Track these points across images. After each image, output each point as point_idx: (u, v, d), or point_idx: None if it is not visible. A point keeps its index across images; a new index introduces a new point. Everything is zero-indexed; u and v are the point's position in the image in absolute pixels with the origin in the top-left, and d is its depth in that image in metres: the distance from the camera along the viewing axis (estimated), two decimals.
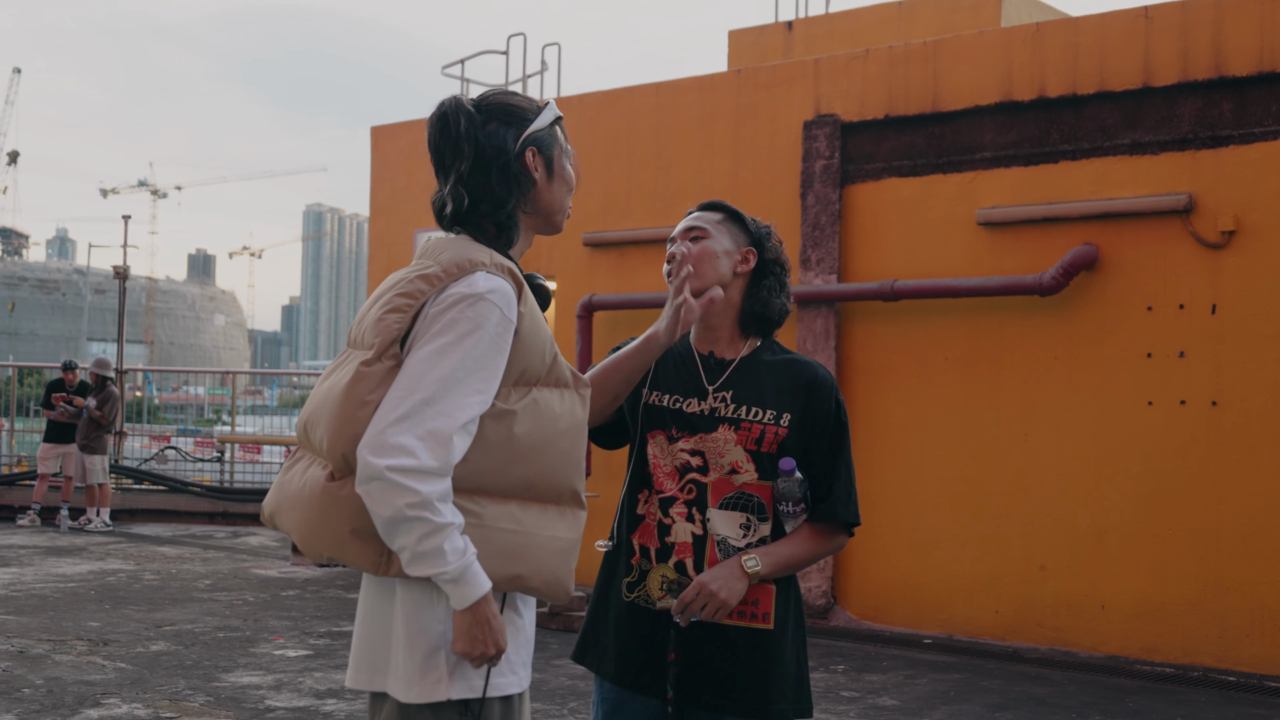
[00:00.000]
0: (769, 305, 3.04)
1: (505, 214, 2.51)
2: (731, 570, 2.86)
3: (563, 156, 2.62)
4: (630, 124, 11.02)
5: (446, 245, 2.46)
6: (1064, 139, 8.82)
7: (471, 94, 2.66)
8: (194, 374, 44.76)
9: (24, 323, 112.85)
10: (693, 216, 3.10)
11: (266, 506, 2.52)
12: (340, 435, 2.29)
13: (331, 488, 2.30)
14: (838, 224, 9.68)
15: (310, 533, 2.34)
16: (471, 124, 2.50)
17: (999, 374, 8.99)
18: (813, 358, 9.55)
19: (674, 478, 2.95)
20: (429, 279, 2.37)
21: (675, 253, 2.97)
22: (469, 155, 2.49)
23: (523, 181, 2.53)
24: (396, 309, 2.34)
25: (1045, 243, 8.80)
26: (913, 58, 9.48)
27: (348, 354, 2.46)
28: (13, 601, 9.50)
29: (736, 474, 2.93)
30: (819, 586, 9.54)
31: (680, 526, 2.93)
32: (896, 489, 9.37)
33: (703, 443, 2.94)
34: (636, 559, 2.96)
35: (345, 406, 2.29)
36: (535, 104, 2.60)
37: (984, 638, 8.89)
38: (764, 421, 2.94)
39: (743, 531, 2.93)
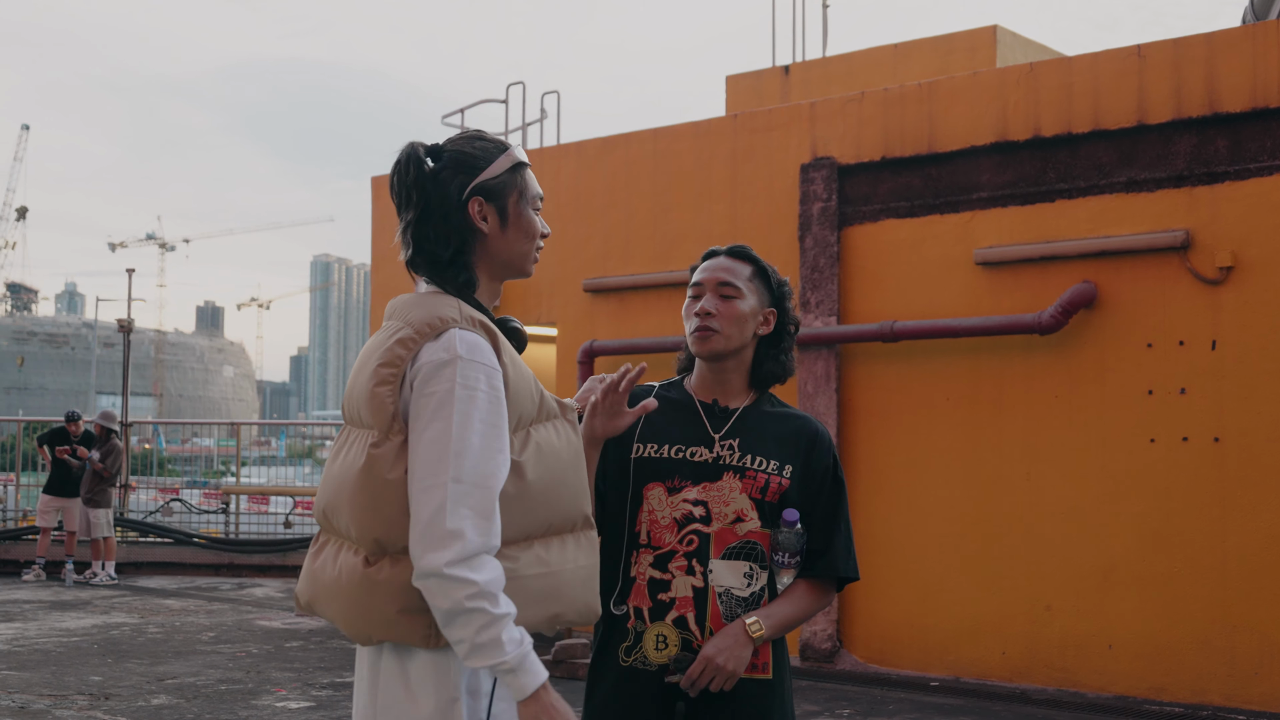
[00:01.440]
0: (785, 367, 3.07)
1: (443, 264, 2.49)
2: (736, 638, 2.83)
3: (521, 203, 2.56)
4: (628, 170, 11.06)
5: (414, 303, 2.45)
6: (1060, 178, 8.83)
7: None
8: (203, 426, 44.81)
9: (34, 377, 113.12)
10: (724, 265, 3.02)
11: (302, 595, 2.54)
12: (368, 519, 2.32)
13: (370, 573, 2.33)
14: (836, 266, 9.69)
15: (355, 619, 2.35)
16: (420, 173, 2.49)
17: (1000, 413, 8.96)
18: (814, 400, 9.59)
19: (673, 530, 2.91)
20: (404, 343, 2.36)
21: (708, 309, 2.96)
22: (416, 204, 2.49)
23: (465, 232, 2.50)
24: (383, 381, 2.35)
25: (1044, 281, 8.80)
26: (908, 99, 9.52)
27: (348, 433, 2.48)
28: (15, 657, 9.47)
29: (742, 522, 2.91)
30: (824, 630, 9.49)
31: (680, 581, 2.88)
32: (900, 531, 9.33)
33: (707, 492, 2.91)
34: (632, 622, 2.90)
35: (367, 490, 2.32)
36: (496, 150, 2.55)
37: (991, 679, 8.82)
38: (769, 471, 2.94)
39: (746, 581, 2.91)
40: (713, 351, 2.98)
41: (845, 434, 9.62)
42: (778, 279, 3.08)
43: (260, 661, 9.51)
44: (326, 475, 2.48)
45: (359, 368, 2.46)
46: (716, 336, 2.96)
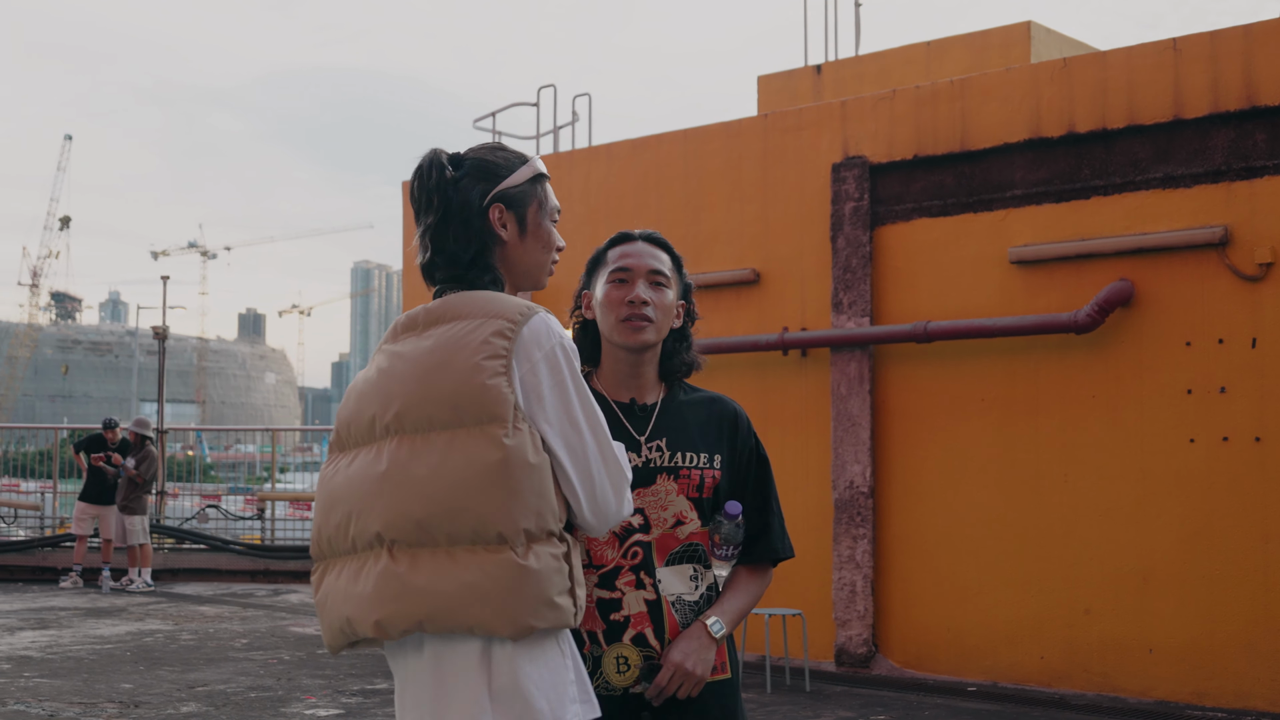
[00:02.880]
0: (695, 360, 2.94)
1: (464, 265, 2.53)
2: (700, 641, 2.73)
3: (540, 214, 2.60)
4: (659, 171, 10.98)
5: (482, 299, 2.48)
6: (1095, 174, 8.69)
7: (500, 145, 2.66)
8: (245, 432, 45.00)
9: (78, 385, 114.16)
10: (650, 252, 2.88)
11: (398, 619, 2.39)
12: (515, 511, 2.34)
13: (527, 565, 2.34)
14: (869, 266, 9.58)
15: (513, 615, 2.33)
16: (442, 179, 2.54)
17: (1036, 414, 8.83)
18: (847, 402, 9.48)
19: (614, 545, 2.76)
20: (502, 334, 2.41)
21: (644, 297, 2.81)
22: (436, 209, 2.53)
23: (485, 237, 2.54)
24: (495, 373, 2.38)
25: (1079, 280, 8.66)
26: (940, 97, 9.39)
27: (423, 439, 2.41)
28: (48, 664, 9.48)
29: (682, 525, 2.80)
30: (860, 635, 9.37)
31: (631, 597, 2.75)
32: (936, 534, 9.20)
33: (642, 498, 2.78)
34: (587, 647, 2.74)
35: (513, 481, 2.34)
36: (516, 161, 2.60)
37: (1030, 684, 8.68)
38: (700, 466, 2.83)
39: (694, 584, 2.80)
40: (643, 343, 2.82)
41: (879, 436, 9.50)
42: (685, 271, 2.98)
43: (291, 668, 9.49)
44: (401, 485, 2.39)
45: (430, 369, 2.42)
46: (650, 327, 2.81)
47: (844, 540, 9.51)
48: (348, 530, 2.46)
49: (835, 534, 9.56)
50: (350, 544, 2.47)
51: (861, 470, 9.45)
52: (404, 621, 2.40)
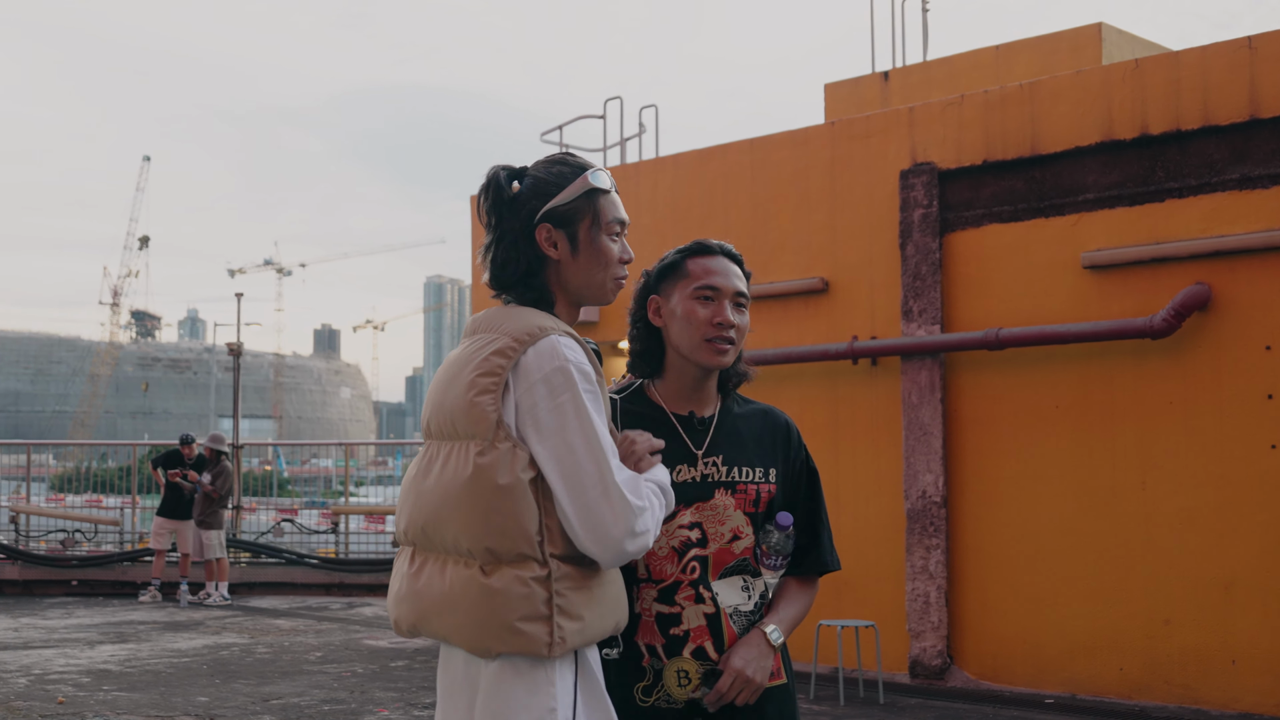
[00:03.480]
0: (747, 370, 2.92)
1: (508, 285, 2.56)
2: (759, 649, 2.72)
3: (593, 230, 2.56)
4: (726, 181, 10.94)
5: (505, 315, 2.50)
6: (1169, 176, 8.54)
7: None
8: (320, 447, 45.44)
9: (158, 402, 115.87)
10: (734, 271, 2.84)
11: (403, 618, 2.52)
12: (480, 529, 2.35)
13: (489, 584, 2.35)
14: (939, 273, 9.47)
15: (476, 632, 2.36)
16: (499, 199, 2.55)
17: (1112, 421, 8.68)
18: (919, 411, 9.38)
19: (673, 560, 2.74)
20: (503, 353, 2.41)
21: (732, 320, 2.78)
22: (494, 226, 2.56)
23: (532, 257, 2.54)
24: (484, 390, 2.39)
25: (1155, 284, 8.51)
26: (1009, 101, 9.28)
27: (438, 448, 2.50)
28: (126, 678, 9.59)
29: (738, 540, 2.78)
30: (934, 646, 9.26)
31: (690, 611, 2.73)
32: (1010, 544, 9.07)
33: (700, 513, 2.76)
34: (646, 660, 2.73)
35: (477, 500, 2.36)
36: (572, 175, 2.56)
37: (1109, 696, 8.53)
38: (756, 481, 2.82)
39: (746, 595, 2.79)
40: (724, 366, 2.82)
41: (951, 445, 9.39)
42: None
43: (365, 681, 9.53)
44: (418, 492, 2.49)
45: (448, 381, 2.48)
46: (732, 350, 2.80)
47: (917, 551, 9.40)
48: (398, 526, 2.59)
49: (908, 544, 9.46)
50: (401, 539, 2.59)
51: (934, 479, 9.34)
52: (405, 621, 2.51)
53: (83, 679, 9.51)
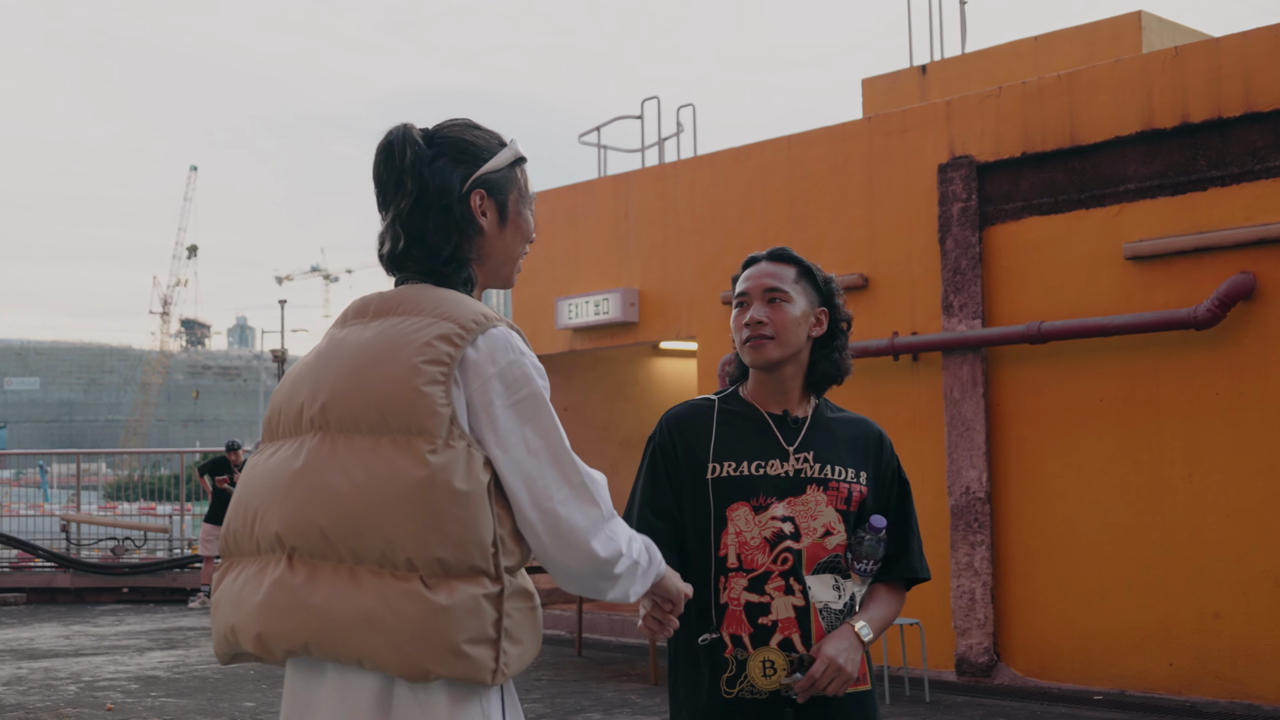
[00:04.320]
0: (841, 367, 2.95)
1: (442, 259, 2.26)
2: (850, 641, 2.74)
3: (520, 202, 2.35)
4: (763, 179, 10.90)
5: (434, 296, 2.21)
6: (1211, 165, 8.43)
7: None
8: None
9: (209, 409, 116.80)
10: (766, 270, 2.91)
11: (279, 638, 2.12)
12: (429, 537, 2.04)
13: (433, 600, 2.03)
14: (979, 267, 9.40)
15: (413, 654, 2.03)
16: (418, 157, 2.26)
17: (1157, 414, 8.58)
18: (960, 406, 9.31)
19: (764, 550, 2.78)
20: (450, 339, 2.12)
21: (757, 317, 2.84)
22: (411, 191, 2.25)
23: (466, 226, 2.27)
24: (433, 380, 2.09)
25: (1198, 274, 8.40)
26: (1047, 92, 9.19)
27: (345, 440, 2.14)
28: (175, 684, 9.67)
29: (830, 536, 2.80)
30: (980, 643, 9.18)
31: (780, 602, 2.76)
32: (1056, 539, 8.98)
33: (793, 507, 2.80)
34: (730, 650, 2.76)
35: (431, 504, 2.04)
36: (494, 141, 2.35)
37: (1158, 692, 8.43)
38: (848, 480, 2.85)
39: (837, 594, 2.81)
40: (767, 360, 2.86)
41: (995, 440, 9.31)
42: (824, 276, 2.96)
43: None
44: (313, 488, 2.12)
45: (365, 365, 2.15)
46: (769, 344, 2.85)
47: (961, 547, 9.33)
48: (253, 528, 2.19)
49: (953, 541, 9.38)
50: (255, 544, 2.19)
51: (978, 475, 9.27)
52: (288, 640, 2.12)
53: (131, 685, 9.59)
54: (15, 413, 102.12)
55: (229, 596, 2.20)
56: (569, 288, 12.52)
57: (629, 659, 10.51)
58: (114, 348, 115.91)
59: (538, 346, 12.77)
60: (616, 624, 11.85)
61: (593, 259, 12.35)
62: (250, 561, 2.20)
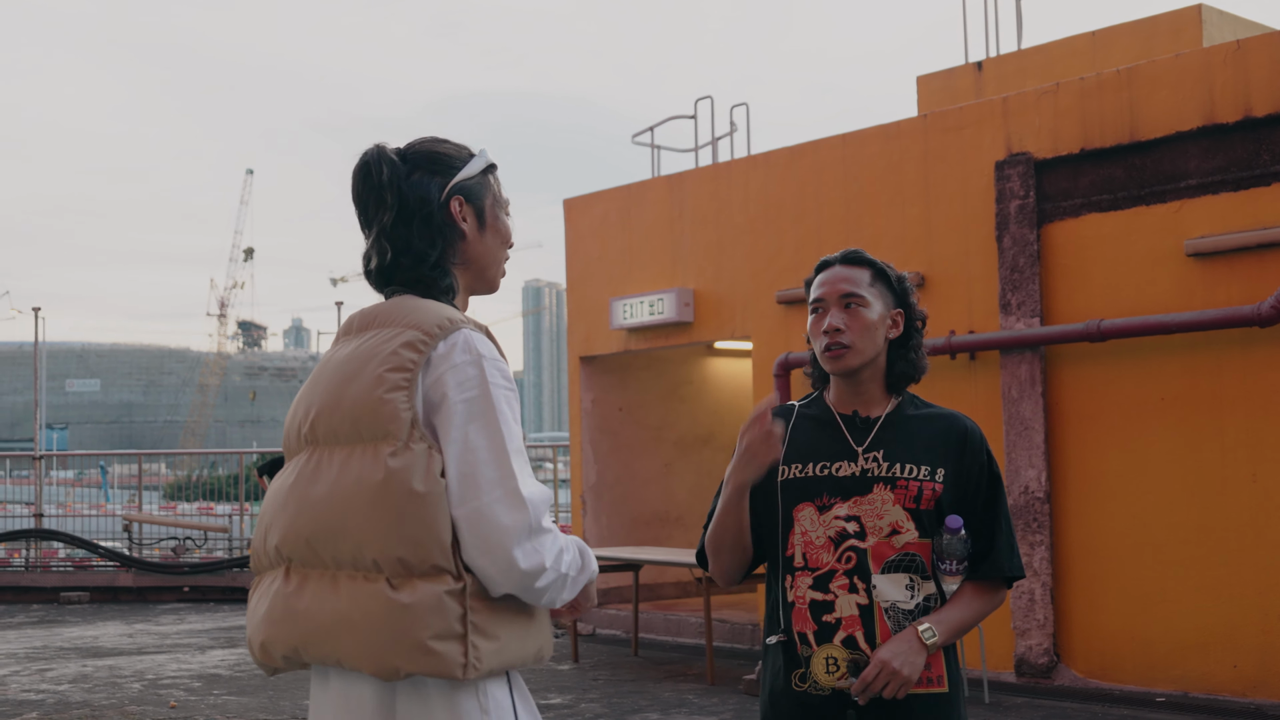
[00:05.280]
0: (918, 367, 2.98)
1: (429, 267, 2.37)
2: (910, 644, 2.74)
3: (495, 207, 2.47)
4: (818, 178, 10.87)
5: (406, 307, 2.32)
6: (1275, 159, 8.32)
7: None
8: None
9: (265, 410, 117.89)
10: (841, 275, 2.94)
11: (275, 644, 2.28)
12: (390, 538, 2.14)
13: (396, 598, 2.13)
14: (1037, 265, 9.32)
15: (382, 652, 2.13)
16: (395, 173, 2.37)
17: (1220, 412, 8.47)
18: (1019, 405, 9.23)
19: (829, 549, 2.82)
20: (413, 346, 2.23)
21: (836, 325, 2.87)
22: (391, 205, 2.36)
23: (448, 233, 2.39)
24: (395, 386, 2.20)
25: (1261, 270, 8.29)
26: (1106, 88, 9.10)
27: (328, 454, 2.28)
28: (236, 682, 9.76)
29: (898, 534, 2.81)
30: (1040, 644, 9.11)
31: (844, 600, 2.79)
32: (1117, 539, 8.90)
33: (858, 506, 2.82)
34: (799, 648, 2.81)
35: (387, 506, 2.15)
36: (464, 152, 2.46)
37: (1223, 694, 8.33)
38: (920, 478, 2.84)
39: (909, 593, 2.80)
40: (847, 369, 2.90)
41: (1054, 439, 9.23)
42: (897, 275, 3.00)
43: None
44: (301, 501, 2.28)
45: (343, 380, 2.29)
46: (849, 353, 2.88)
47: (1020, 547, 9.26)
48: (265, 543, 2.37)
49: None
50: (267, 559, 2.36)
51: (1036, 475, 9.19)
52: (281, 646, 2.26)
53: (194, 684, 9.69)
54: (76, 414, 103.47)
55: (249, 610, 2.38)
56: (624, 288, 12.53)
57: (686, 659, 10.50)
58: (172, 349, 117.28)
59: (593, 347, 12.80)
60: (673, 624, 11.85)
61: (647, 259, 12.36)
62: (266, 576, 2.37)
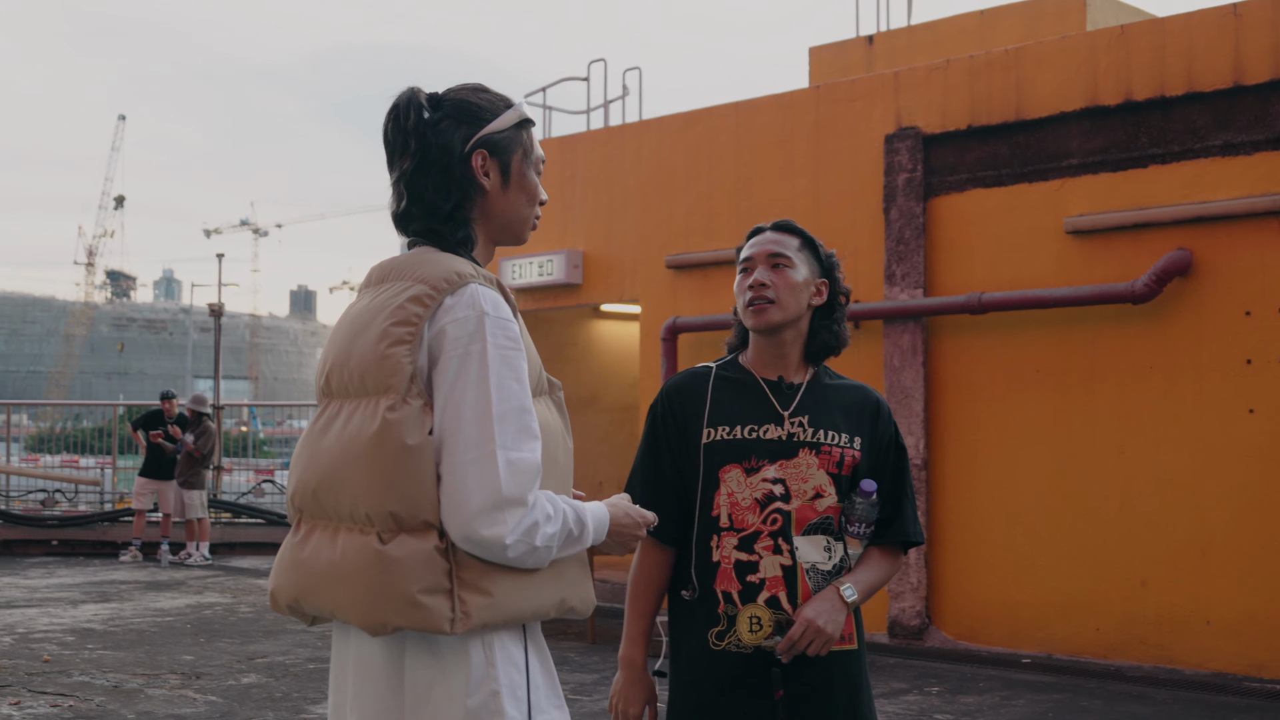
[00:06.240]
0: (839, 337, 3.05)
1: (440, 218, 2.33)
2: (833, 603, 2.84)
3: (524, 163, 2.40)
4: (710, 144, 10.95)
5: (419, 261, 2.28)
6: (1153, 142, 8.59)
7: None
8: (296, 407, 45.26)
9: (133, 362, 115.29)
10: (771, 238, 3.02)
11: (282, 592, 2.29)
12: (382, 491, 2.13)
13: (386, 551, 2.12)
14: (922, 238, 9.52)
15: (370, 605, 2.12)
16: (420, 120, 2.33)
17: (1093, 385, 8.76)
18: (900, 374, 9.45)
19: (755, 510, 2.89)
20: (420, 300, 2.20)
21: (761, 280, 2.94)
22: (414, 152, 2.33)
23: (467, 186, 2.33)
24: (398, 340, 2.17)
25: (1137, 249, 8.58)
26: (994, 66, 9.31)
27: (337, 405, 2.29)
28: (111, 636, 9.63)
29: (820, 498, 2.90)
30: (913, 607, 9.36)
31: (768, 561, 2.87)
32: (990, 506, 9.17)
33: (784, 470, 2.90)
34: (721, 607, 2.88)
35: (380, 459, 2.13)
36: (499, 104, 2.39)
37: (1084, 656, 8.65)
38: (841, 445, 2.94)
39: (827, 555, 2.90)
40: (769, 323, 2.95)
41: (933, 408, 9.47)
42: (825, 250, 3.06)
43: None
44: (311, 453, 2.28)
45: (355, 333, 2.27)
46: (772, 308, 2.94)
47: None
48: (289, 494, 2.37)
49: None
50: (292, 510, 2.37)
51: (915, 442, 9.42)
52: (286, 595, 2.27)
53: (67, 638, 9.53)
54: None
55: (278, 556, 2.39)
56: (513, 248, 12.51)
57: (565, 618, 10.59)
58: (37, 298, 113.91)
59: None
60: None
61: None
62: (294, 527, 2.38)
